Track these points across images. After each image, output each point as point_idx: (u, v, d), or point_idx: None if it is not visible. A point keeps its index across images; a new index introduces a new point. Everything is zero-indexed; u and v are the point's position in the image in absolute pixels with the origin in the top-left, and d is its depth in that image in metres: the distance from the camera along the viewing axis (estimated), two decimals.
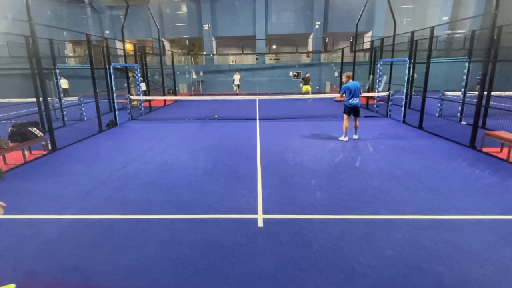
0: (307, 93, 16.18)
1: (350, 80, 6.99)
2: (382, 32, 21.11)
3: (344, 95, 7.02)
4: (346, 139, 7.14)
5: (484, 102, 7.41)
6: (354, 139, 7.22)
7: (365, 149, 6.56)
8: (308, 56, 23.39)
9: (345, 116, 7.12)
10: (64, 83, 16.21)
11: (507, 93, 8.76)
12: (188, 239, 3.17)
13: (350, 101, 6.93)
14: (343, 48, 18.06)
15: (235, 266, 2.74)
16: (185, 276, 2.61)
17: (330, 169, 5.30)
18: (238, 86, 19.83)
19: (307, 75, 16.66)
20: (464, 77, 9.34)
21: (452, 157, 5.91)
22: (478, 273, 2.59)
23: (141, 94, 12.29)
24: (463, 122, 9.09)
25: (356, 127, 7.23)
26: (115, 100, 10.13)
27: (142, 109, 12.23)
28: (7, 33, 7.47)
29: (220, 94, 19.60)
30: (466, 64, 9.33)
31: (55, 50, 9.96)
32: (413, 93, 10.63)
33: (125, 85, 13.07)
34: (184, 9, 23.32)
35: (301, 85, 16.73)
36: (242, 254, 2.91)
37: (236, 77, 19.60)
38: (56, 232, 3.34)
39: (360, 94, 6.99)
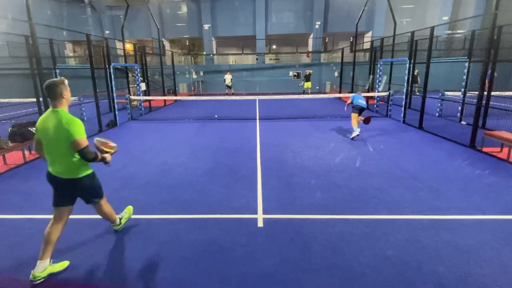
0: (307, 88, 19.28)
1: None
2: (382, 32, 21.13)
3: (352, 100, 7.72)
4: (358, 130, 7.46)
5: (484, 102, 7.41)
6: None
7: (365, 149, 6.57)
8: (308, 56, 23.40)
9: (355, 115, 7.53)
10: None
11: (507, 93, 8.76)
12: (188, 239, 3.17)
13: (360, 101, 7.57)
14: (343, 48, 18.07)
15: (235, 266, 2.74)
16: (185, 276, 2.61)
17: (330, 169, 5.30)
18: (229, 87, 19.18)
19: (307, 73, 19.63)
20: (464, 77, 9.34)
21: (452, 157, 5.91)
22: (478, 273, 2.59)
23: (141, 94, 12.29)
24: (463, 122, 9.09)
25: (358, 122, 7.66)
26: (115, 100, 10.13)
27: (142, 109, 12.23)
28: (7, 33, 7.47)
29: (220, 94, 19.61)
30: (466, 64, 9.32)
31: (55, 50, 9.97)
32: (418, 93, 10.61)
33: (131, 86, 13.08)
34: (184, 9, 23.32)
35: (302, 82, 19.66)
36: (242, 254, 2.91)
37: (227, 77, 19.29)
38: None
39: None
